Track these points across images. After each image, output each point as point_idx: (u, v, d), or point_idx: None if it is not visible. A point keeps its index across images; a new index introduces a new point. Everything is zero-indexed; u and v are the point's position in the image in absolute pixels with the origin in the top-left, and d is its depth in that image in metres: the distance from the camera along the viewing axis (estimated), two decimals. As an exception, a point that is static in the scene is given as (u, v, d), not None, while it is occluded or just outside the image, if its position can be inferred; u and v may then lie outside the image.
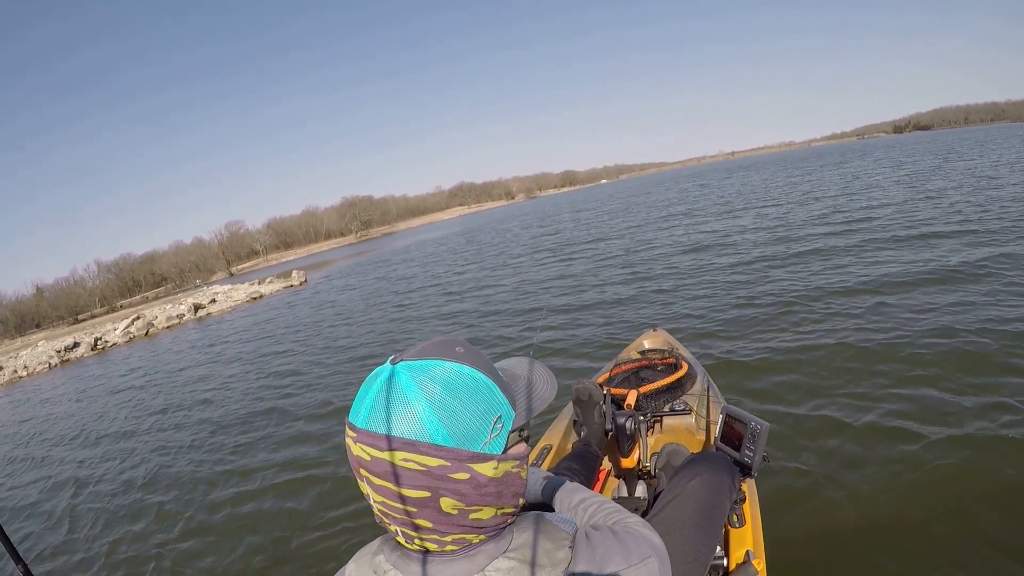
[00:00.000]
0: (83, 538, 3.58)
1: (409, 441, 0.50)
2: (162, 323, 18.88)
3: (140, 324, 19.01)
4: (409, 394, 0.51)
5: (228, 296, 21.62)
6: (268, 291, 21.08)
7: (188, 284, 66.18)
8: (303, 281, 21.97)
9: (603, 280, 8.04)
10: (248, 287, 22.65)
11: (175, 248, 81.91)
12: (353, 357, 6.75)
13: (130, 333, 18.43)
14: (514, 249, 15.78)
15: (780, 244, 7.97)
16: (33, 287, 59.63)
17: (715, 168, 79.02)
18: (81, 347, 17.93)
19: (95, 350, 17.45)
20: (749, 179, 27.57)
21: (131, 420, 6.52)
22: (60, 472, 5.18)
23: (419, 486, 0.51)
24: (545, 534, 0.58)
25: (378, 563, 0.57)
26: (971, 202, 8.64)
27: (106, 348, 17.55)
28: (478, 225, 39.33)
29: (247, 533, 3.07)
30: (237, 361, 8.56)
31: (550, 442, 1.94)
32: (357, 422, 0.53)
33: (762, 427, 1.33)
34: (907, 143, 47.69)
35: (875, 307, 4.39)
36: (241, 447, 4.47)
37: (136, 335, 18.24)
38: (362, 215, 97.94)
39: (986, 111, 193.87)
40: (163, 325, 18.72)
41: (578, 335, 5.37)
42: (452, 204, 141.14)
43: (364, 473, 0.53)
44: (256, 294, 20.44)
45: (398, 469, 0.51)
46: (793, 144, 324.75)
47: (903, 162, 21.10)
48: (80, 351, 17.71)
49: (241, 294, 21.05)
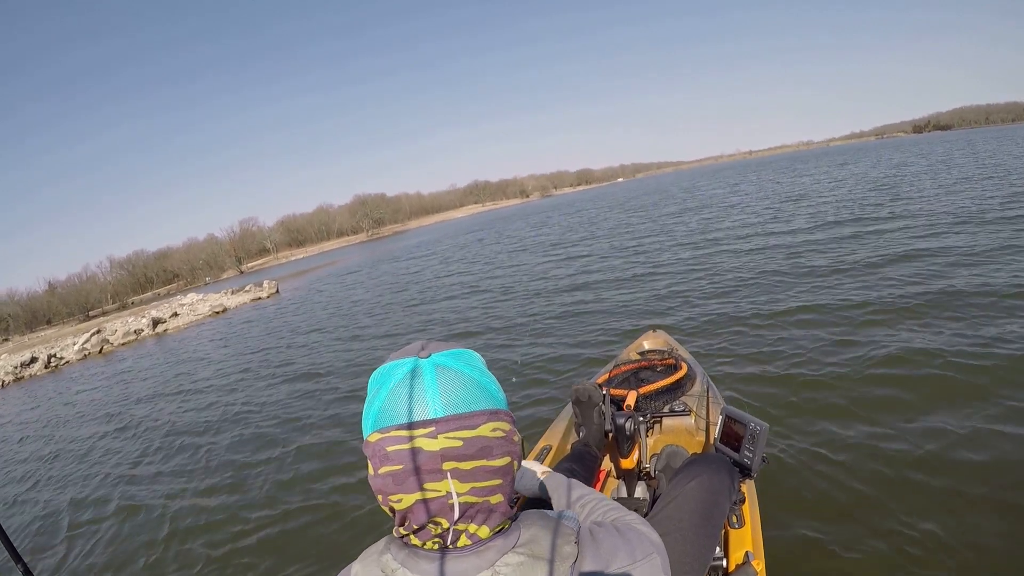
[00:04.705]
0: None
1: (493, 411, 0.55)
2: (118, 339, 17.49)
3: (95, 341, 17.73)
4: (467, 372, 0.56)
5: (192, 309, 20.19)
6: (233, 304, 19.56)
7: (199, 281, 66.97)
8: (273, 292, 20.44)
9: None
10: (217, 297, 21.23)
11: (188, 245, 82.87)
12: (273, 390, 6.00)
13: (85, 350, 17.13)
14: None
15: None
16: (45, 283, 60.67)
17: (741, 165, 77.60)
18: (37, 364, 16.65)
19: (48, 368, 16.38)
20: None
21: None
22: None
23: (504, 452, 0.55)
24: (551, 530, 0.59)
25: (385, 562, 0.57)
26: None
27: (59, 366, 16.42)
28: (491, 224, 39.32)
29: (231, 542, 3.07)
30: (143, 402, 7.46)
31: (549, 442, 1.94)
32: (427, 415, 0.52)
33: (762, 428, 1.32)
34: (928, 142, 47.11)
35: (881, 308, 4.35)
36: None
37: (91, 352, 17.04)
38: (373, 213, 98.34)
39: (1008, 111, 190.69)
40: (119, 342, 17.35)
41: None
42: (467, 202, 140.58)
43: (450, 465, 0.52)
44: (220, 307, 19.03)
45: (492, 441, 0.54)
46: (812, 143, 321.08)
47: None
48: (35, 368, 16.46)
49: (205, 307, 19.65)
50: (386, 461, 0.53)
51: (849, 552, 1.94)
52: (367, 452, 0.56)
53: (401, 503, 0.53)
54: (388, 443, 0.53)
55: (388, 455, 0.53)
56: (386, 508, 0.56)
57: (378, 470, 0.54)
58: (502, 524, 0.57)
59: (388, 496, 0.54)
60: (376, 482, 0.54)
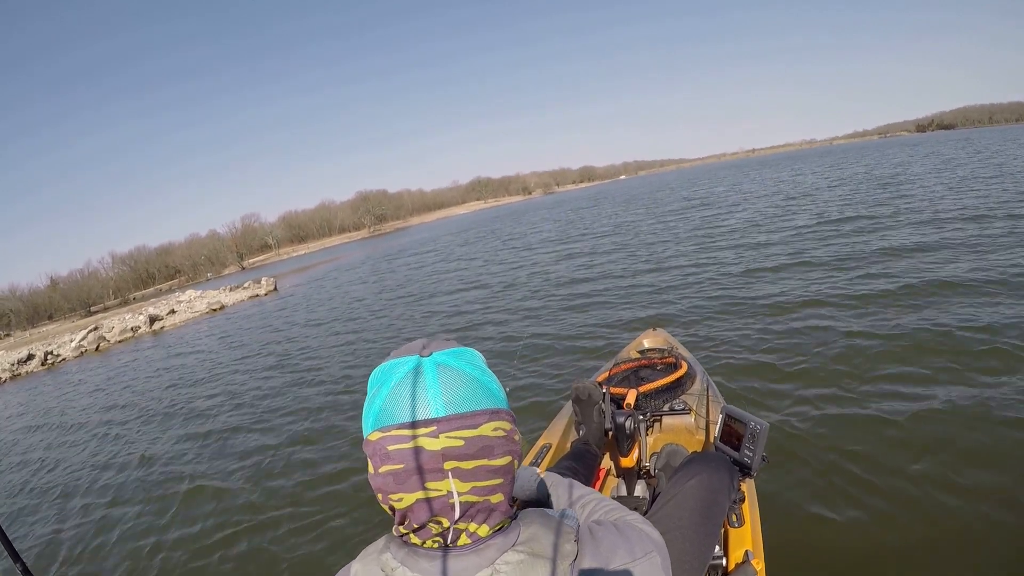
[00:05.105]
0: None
1: (494, 410, 0.55)
2: (115, 337, 17.39)
3: (92, 338, 17.56)
4: (468, 371, 0.56)
5: (190, 306, 20.06)
6: (231, 301, 19.35)
7: (200, 277, 67.04)
8: (272, 289, 20.18)
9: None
10: (215, 295, 21.08)
11: (190, 241, 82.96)
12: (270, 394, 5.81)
13: (82, 347, 17.09)
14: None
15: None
16: (48, 279, 60.79)
17: (744, 164, 77.55)
18: (34, 360, 16.64)
19: (45, 365, 16.38)
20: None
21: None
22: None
23: (505, 452, 0.55)
24: (551, 528, 0.58)
25: (385, 560, 0.57)
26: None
27: (56, 363, 16.37)
28: (493, 220, 39.32)
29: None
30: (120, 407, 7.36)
31: (549, 441, 1.94)
32: (428, 414, 0.52)
33: (762, 427, 1.32)
34: (931, 141, 46.96)
35: (883, 306, 4.34)
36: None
37: (87, 349, 17.01)
38: (375, 209, 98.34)
39: (1011, 111, 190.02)
40: (116, 339, 17.28)
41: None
42: (469, 199, 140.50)
43: (451, 465, 0.52)
44: (217, 304, 18.85)
45: (493, 441, 0.54)
46: (815, 142, 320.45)
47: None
48: (32, 365, 16.46)
49: (202, 304, 19.55)
50: (387, 460, 0.53)
51: (849, 551, 1.94)
52: (367, 451, 0.55)
53: (401, 502, 0.53)
54: (389, 442, 0.53)
55: (389, 454, 0.53)
56: (386, 507, 0.56)
57: (378, 469, 0.54)
58: (502, 523, 0.57)
59: (388, 495, 0.54)
60: (376, 481, 0.54)
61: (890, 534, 1.99)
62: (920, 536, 1.96)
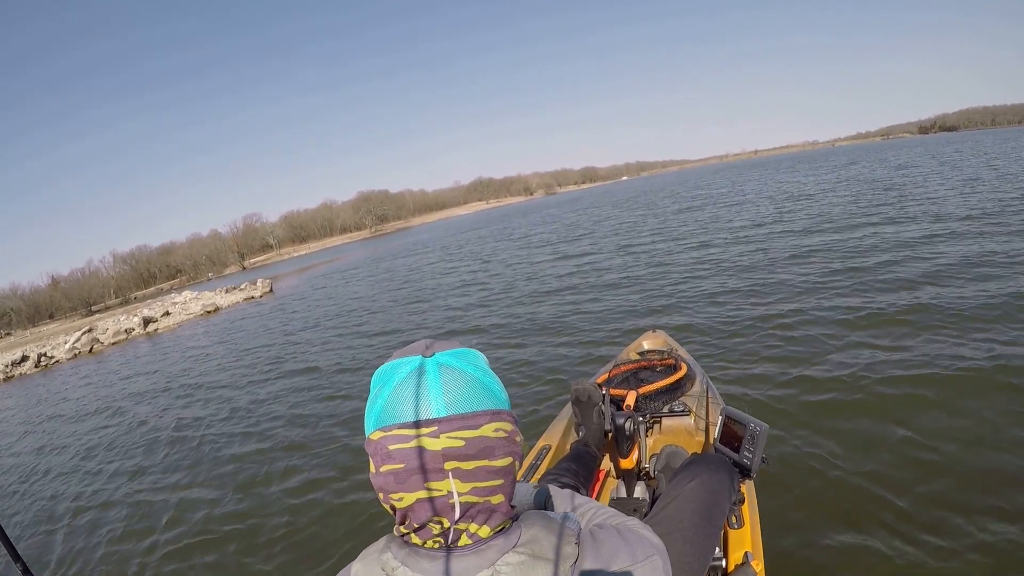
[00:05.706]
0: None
1: (495, 411, 0.55)
2: (109, 339, 17.30)
3: (85, 340, 17.46)
4: (471, 372, 0.56)
5: (184, 308, 20.03)
6: (226, 303, 19.25)
7: (202, 277, 67.10)
8: (267, 291, 20.05)
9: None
10: (210, 296, 21.00)
11: (191, 241, 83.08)
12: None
13: (75, 349, 17.00)
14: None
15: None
16: (49, 278, 60.92)
17: (747, 165, 77.21)
18: (28, 362, 16.51)
19: (39, 367, 16.28)
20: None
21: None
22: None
23: (506, 453, 0.55)
24: (552, 530, 0.59)
25: (386, 560, 0.57)
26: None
27: (49, 365, 16.28)
28: (494, 221, 39.33)
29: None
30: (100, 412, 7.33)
31: (549, 442, 1.94)
32: (430, 415, 0.52)
33: (761, 429, 1.32)
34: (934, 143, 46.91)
35: (885, 310, 4.32)
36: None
37: (81, 351, 16.91)
38: (377, 209, 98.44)
39: (1014, 113, 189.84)
40: (109, 341, 17.18)
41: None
42: (470, 199, 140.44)
43: (452, 465, 0.52)
44: (212, 306, 18.78)
45: (494, 442, 0.54)
46: (817, 143, 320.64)
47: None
48: (26, 367, 16.31)
49: (197, 306, 19.47)
50: (388, 459, 0.53)
51: (849, 553, 1.94)
52: (369, 450, 0.56)
53: (402, 502, 0.54)
54: (390, 441, 0.53)
55: (390, 453, 0.53)
56: (387, 506, 0.56)
57: (379, 468, 0.54)
58: (503, 524, 0.57)
59: (389, 494, 0.54)
60: (377, 480, 0.55)
61: (891, 536, 1.98)
62: (923, 538, 1.95)
